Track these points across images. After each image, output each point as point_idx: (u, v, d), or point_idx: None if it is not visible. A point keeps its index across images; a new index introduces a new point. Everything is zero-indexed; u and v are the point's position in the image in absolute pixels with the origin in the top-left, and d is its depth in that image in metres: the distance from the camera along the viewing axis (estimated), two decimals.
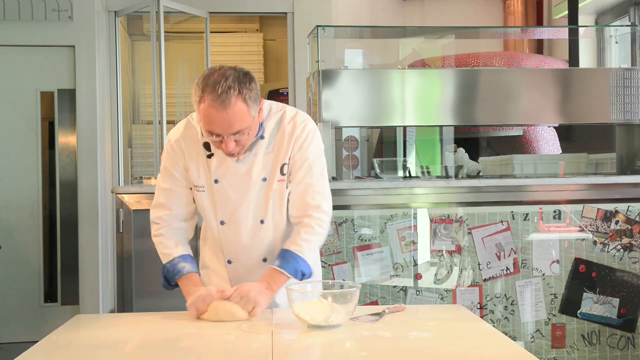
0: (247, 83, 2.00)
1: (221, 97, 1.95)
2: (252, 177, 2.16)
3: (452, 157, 3.76)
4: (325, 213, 2.20)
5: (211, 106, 1.97)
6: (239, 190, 2.16)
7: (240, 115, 1.98)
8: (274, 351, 1.68)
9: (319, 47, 3.53)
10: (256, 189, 2.17)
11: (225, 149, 2.05)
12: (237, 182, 2.16)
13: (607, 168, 3.98)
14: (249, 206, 2.17)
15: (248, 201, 2.17)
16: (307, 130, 2.18)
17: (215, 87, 1.96)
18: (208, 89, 1.98)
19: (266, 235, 2.20)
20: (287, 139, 2.16)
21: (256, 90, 2.03)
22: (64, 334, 1.94)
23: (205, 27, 5.40)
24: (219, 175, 2.17)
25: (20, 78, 5.18)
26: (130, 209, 3.38)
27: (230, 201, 2.18)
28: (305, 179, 2.18)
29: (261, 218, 2.18)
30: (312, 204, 2.18)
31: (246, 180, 2.16)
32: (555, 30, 5.67)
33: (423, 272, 3.45)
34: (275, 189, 2.17)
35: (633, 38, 3.83)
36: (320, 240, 2.22)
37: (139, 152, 5.81)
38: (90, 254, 5.09)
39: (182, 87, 6.10)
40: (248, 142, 2.10)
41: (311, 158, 2.19)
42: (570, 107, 3.65)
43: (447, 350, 1.74)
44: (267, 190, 2.18)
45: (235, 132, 2.01)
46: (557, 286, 3.45)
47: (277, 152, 2.17)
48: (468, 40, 5.70)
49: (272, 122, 2.19)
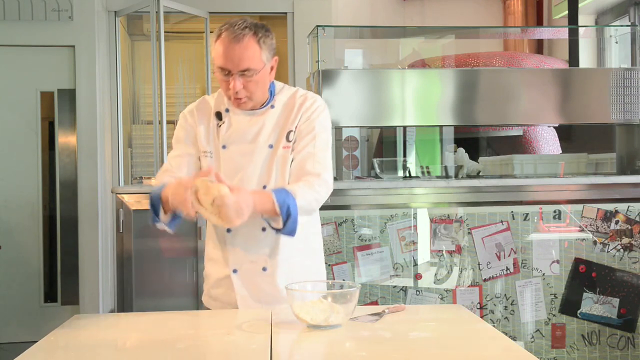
0: (264, 30, 2.11)
1: (236, 32, 2.06)
2: (258, 143, 2.19)
3: (452, 157, 3.76)
4: (325, 182, 2.17)
5: (225, 39, 2.07)
6: (245, 155, 2.19)
7: (252, 52, 2.07)
8: (273, 351, 1.68)
9: (319, 47, 3.54)
10: (262, 155, 2.19)
11: (232, 88, 2.09)
12: (244, 147, 2.19)
13: (607, 168, 3.98)
14: (254, 171, 2.18)
15: (253, 166, 2.18)
16: (316, 104, 2.24)
17: (233, 25, 2.08)
18: (226, 26, 2.09)
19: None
20: (297, 109, 2.22)
21: (272, 41, 2.14)
22: (64, 334, 1.94)
23: (205, 27, 5.40)
24: (227, 141, 2.21)
25: (20, 78, 5.18)
26: (130, 209, 3.38)
27: (235, 166, 2.19)
28: (307, 148, 2.19)
29: (264, 184, 2.19)
30: (312, 171, 2.16)
31: (252, 146, 2.19)
32: (555, 30, 5.67)
33: (423, 272, 3.45)
34: (279, 154, 2.19)
35: (633, 38, 3.83)
36: (315, 202, 2.15)
37: (139, 152, 5.81)
38: (90, 254, 5.09)
39: (182, 87, 6.10)
40: (255, 92, 2.14)
41: (317, 129, 2.21)
42: (570, 107, 3.65)
43: (447, 350, 1.74)
44: (272, 157, 2.19)
45: (244, 69, 2.07)
46: (557, 286, 3.45)
47: (286, 121, 2.21)
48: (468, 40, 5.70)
49: (284, 96, 2.25)
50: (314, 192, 2.13)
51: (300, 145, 2.19)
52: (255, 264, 2.21)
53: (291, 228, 2.04)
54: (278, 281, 2.20)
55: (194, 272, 3.40)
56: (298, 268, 2.24)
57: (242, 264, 2.21)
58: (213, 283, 2.29)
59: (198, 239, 3.40)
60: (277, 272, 2.20)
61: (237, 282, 2.21)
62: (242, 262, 2.21)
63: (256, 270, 2.21)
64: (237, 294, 2.21)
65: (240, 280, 2.21)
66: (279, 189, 2.07)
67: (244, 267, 2.21)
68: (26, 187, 5.19)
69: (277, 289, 2.20)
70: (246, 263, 2.21)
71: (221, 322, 2.04)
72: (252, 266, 2.21)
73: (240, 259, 2.21)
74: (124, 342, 1.90)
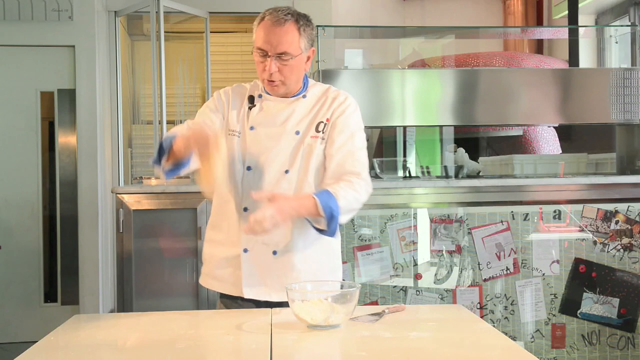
0: (306, 20, 2.19)
1: (279, 16, 2.14)
2: (286, 128, 2.22)
3: (452, 157, 3.75)
4: (365, 181, 2.20)
5: (268, 22, 2.15)
6: (271, 138, 2.22)
7: (291, 37, 2.14)
8: (273, 351, 1.68)
9: (319, 47, 3.54)
10: (288, 140, 2.21)
11: (268, 69, 2.14)
12: (272, 130, 2.22)
13: (607, 168, 3.98)
14: (277, 153, 2.20)
15: (278, 149, 2.21)
16: (349, 101, 2.28)
17: (277, 10, 2.16)
18: (270, 10, 2.18)
19: (287, 187, 2.20)
20: (329, 102, 2.25)
21: (312, 31, 2.21)
22: (63, 334, 1.94)
23: (205, 27, 5.40)
24: (256, 123, 2.24)
25: (20, 78, 5.18)
26: (130, 209, 3.38)
27: (261, 147, 2.22)
28: (346, 146, 2.21)
29: (286, 168, 2.20)
30: (352, 170, 2.19)
31: (280, 130, 2.22)
32: (555, 30, 5.67)
33: (423, 272, 3.45)
34: (307, 143, 2.21)
35: (633, 38, 3.84)
36: (356, 202, 2.17)
37: (139, 152, 5.81)
38: (90, 254, 5.09)
39: (182, 87, 6.10)
40: (289, 78, 2.18)
41: (354, 127, 2.25)
42: (570, 107, 3.65)
43: (447, 350, 1.74)
44: (298, 144, 2.22)
45: (281, 52, 2.13)
46: (557, 286, 3.45)
47: (317, 112, 2.24)
48: (468, 40, 5.70)
49: (317, 89, 2.30)
50: (354, 192, 2.16)
51: (337, 142, 2.21)
52: (267, 246, 2.21)
53: (333, 229, 2.11)
54: (288, 267, 2.21)
55: (194, 272, 3.40)
56: (311, 260, 2.24)
57: (254, 244, 2.21)
58: (217, 263, 2.27)
59: (198, 239, 3.40)
60: (287, 257, 2.20)
61: (246, 262, 2.21)
62: (255, 242, 2.21)
63: (267, 252, 2.21)
64: (244, 273, 2.21)
65: (250, 261, 2.21)
66: (322, 191, 2.11)
67: (255, 248, 2.22)
68: (26, 187, 5.19)
69: (284, 275, 2.19)
70: (258, 244, 2.21)
71: (221, 322, 2.04)
72: (264, 248, 2.21)
73: (253, 238, 2.19)
74: (124, 342, 1.90)
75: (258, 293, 2.22)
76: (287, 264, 2.21)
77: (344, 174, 2.18)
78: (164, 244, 3.41)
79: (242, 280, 2.22)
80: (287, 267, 2.21)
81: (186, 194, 3.42)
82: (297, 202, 2.08)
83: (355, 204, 2.17)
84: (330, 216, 2.07)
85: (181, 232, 3.40)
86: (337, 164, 2.19)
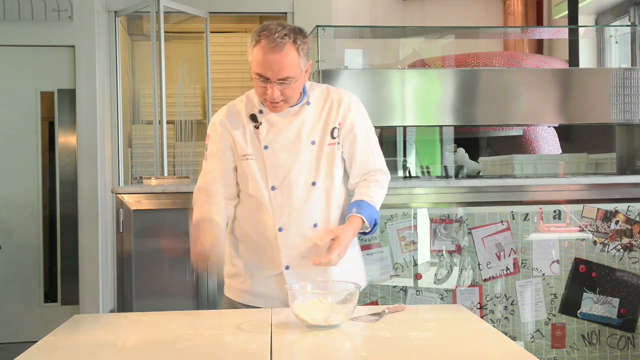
0: (302, 37, 2.14)
1: (277, 40, 2.07)
2: (301, 140, 2.22)
3: (452, 157, 3.75)
4: (387, 174, 2.34)
5: (265, 48, 2.07)
6: (290, 153, 2.22)
7: (291, 61, 2.10)
8: (273, 351, 1.68)
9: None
10: (306, 152, 2.23)
11: (270, 94, 2.12)
12: (288, 146, 2.22)
13: (607, 168, 3.98)
14: (301, 168, 2.21)
15: (300, 164, 2.22)
16: (354, 99, 2.31)
17: (273, 32, 2.08)
18: (265, 32, 2.10)
19: (318, 198, 2.23)
20: (336, 105, 2.26)
21: (308, 46, 2.17)
22: (63, 334, 1.94)
23: (205, 27, 5.40)
24: (269, 141, 2.23)
25: (20, 78, 5.18)
26: (130, 209, 3.38)
27: (281, 165, 2.22)
28: (365, 147, 2.28)
29: (313, 180, 2.23)
30: (375, 168, 2.31)
31: (296, 144, 2.22)
32: (555, 30, 5.67)
33: (423, 272, 3.45)
34: (326, 152, 2.24)
35: (633, 38, 3.83)
36: (383, 197, 2.32)
37: (139, 152, 5.81)
38: (90, 254, 5.09)
39: (182, 87, 6.10)
40: (292, 97, 2.18)
41: (366, 126, 2.31)
42: (570, 107, 3.65)
43: (447, 350, 1.74)
44: (318, 154, 2.24)
45: (283, 77, 2.10)
46: (557, 286, 3.45)
47: (327, 118, 2.25)
48: (468, 40, 5.70)
49: (317, 91, 2.29)
50: (383, 190, 2.31)
51: (356, 144, 2.27)
52: (307, 259, 2.23)
53: (374, 230, 2.27)
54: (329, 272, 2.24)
55: (194, 272, 3.40)
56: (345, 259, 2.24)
57: (294, 260, 2.24)
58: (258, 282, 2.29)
59: None
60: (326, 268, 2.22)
61: (289, 278, 2.23)
62: (295, 258, 2.24)
63: (308, 265, 2.23)
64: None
65: (293, 276, 2.23)
66: (361, 204, 2.21)
67: (295, 263, 2.24)
68: (26, 187, 5.19)
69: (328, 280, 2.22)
70: (299, 259, 2.24)
71: (221, 322, 2.04)
72: (305, 261, 2.24)
73: (294, 255, 2.24)
74: (124, 342, 1.90)
75: None
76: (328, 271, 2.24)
77: (369, 173, 2.29)
78: (164, 244, 3.40)
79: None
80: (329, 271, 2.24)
81: (186, 194, 3.41)
82: (351, 229, 2.18)
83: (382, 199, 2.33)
84: (374, 224, 2.24)
85: (181, 232, 3.38)
86: (361, 166, 2.28)
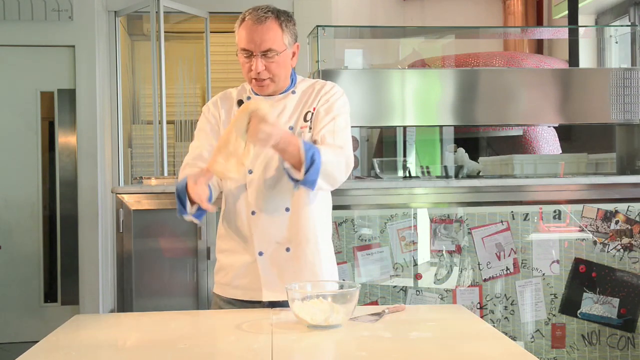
0: (286, 16, 2.19)
1: (259, 14, 2.14)
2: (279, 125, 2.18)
3: (452, 157, 3.75)
4: (346, 156, 2.18)
5: (249, 22, 2.15)
6: None
7: (273, 33, 2.14)
8: (274, 351, 1.68)
9: (319, 47, 3.54)
10: None
11: (254, 68, 2.14)
12: None
13: (607, 168, 3.98)
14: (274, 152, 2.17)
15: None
16: (335, 89, 2.29)
17: (257, 9, 2.17)
18: (249, 10, 2.17)
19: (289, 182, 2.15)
20: (316, 93, 2.28)
21: (294, 27, 2.21)
22: (64, 334, 1.94)
23: (205, 27, 5.40)
24: None
25: (20, 78, 5.18)
26: (130, 209, 3.38)
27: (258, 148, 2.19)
28: (327, 127, 2.22)
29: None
30: (333, 144, 2.17)
31: None
32: (555, 30, 5.67)
33: (423, 272, 3.45)
34: (297, 134, 2.22)
35: (633, 38, 3.84)
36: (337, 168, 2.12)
37: (139, 152, 5.81)
38: (90, 254, 5.09)
39: (182, 87, 6.10)
40: (277, 75, 2.19)
41: (336, 111, 2.26)
42: (570, 107, 3.65)
43: (447, 350, 1.74)
44: None
45: (265, 49, 2.13)
46: (557, 286, 3.45)
47: (305, 104, 2.27)
48: (468, 40, 5.70)
49: (305, 84, 2.32)
50: (337, 157, 2.12)
51: (320, 125, 2.22)
52: (280, 245, 2.22)
53: (312, 179, 2.02)
54: (302, 261, 2.21)
55: (194, 272, 3.40)
56: (323, 255, 2.25)
57: (268, 245, 2.22)
58: (236, 273, 2.26)
59: (198, 239, 3.40)
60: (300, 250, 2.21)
61: (263, 265, 2.21)
62: (269, 243, 2.22)
63: (281, 250, 2.22)
64: (262, 278, 2.21)
65: (267, 263, 2.21)
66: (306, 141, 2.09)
67: (270, 249, 2.22)
68: (26, 187, 5.19)
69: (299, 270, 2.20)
70: (271, 244, 2.22)
71: (221, 322, 2.04)
72: (277, 247, 2.22)
73: (266, 240, 2.21)
74: (124, 342, 1.90)
75: (276, 295, 2.21)
76: (300, 259, 2.22)
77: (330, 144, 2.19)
78: (164, 244, 3.40)
79: (262, 285, 2.21)
80: (302, 261, 2.22)
81: None
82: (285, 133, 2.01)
83: (337, 170, 2.13)
84: (311, 161, 2.00)
85: (181, 232, 3.40)
86: (319, 141, 2.19)
